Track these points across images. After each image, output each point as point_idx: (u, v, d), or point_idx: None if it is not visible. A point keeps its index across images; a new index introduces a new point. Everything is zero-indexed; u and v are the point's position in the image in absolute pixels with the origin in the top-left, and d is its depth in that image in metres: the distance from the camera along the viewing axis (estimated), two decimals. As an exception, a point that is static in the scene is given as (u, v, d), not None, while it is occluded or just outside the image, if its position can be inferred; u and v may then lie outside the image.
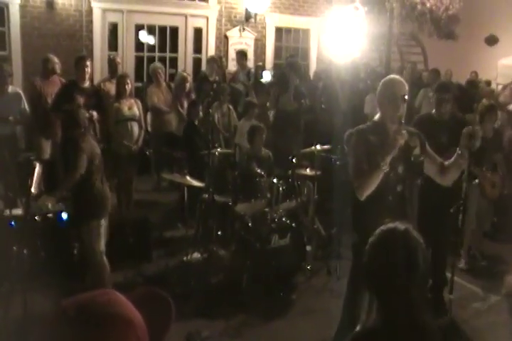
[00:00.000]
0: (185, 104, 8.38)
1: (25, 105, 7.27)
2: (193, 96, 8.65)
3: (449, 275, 6.10)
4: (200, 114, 7.72)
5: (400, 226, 2.07)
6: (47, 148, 7.78)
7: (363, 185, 3.86)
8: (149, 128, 8.73)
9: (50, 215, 5.59)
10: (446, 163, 4.09)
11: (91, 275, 5.20)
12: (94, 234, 5.07)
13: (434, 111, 5.35)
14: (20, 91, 7.41)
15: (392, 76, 4.31)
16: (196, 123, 7.53)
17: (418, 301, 2.01)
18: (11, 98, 7.17)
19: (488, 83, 11.62)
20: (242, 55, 10.56)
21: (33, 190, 3.97)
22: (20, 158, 6.48)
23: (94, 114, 6.99)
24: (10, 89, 7.24)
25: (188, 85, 8.53)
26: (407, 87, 4.05)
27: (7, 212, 5.23)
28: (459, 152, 4.01)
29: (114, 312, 1.20)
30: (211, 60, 9.84)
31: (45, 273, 5.02)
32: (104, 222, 5.18)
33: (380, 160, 3.79)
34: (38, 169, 4.13)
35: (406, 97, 3.96)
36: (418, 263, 1.99)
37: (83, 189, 5.08)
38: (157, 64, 9.22)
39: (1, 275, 4.68)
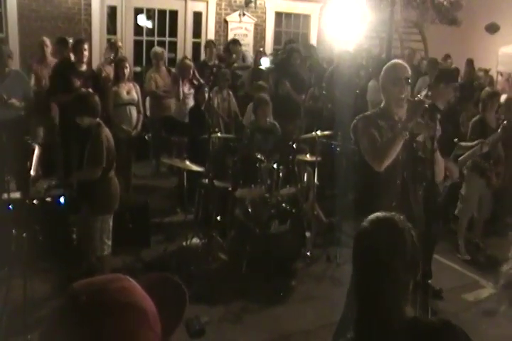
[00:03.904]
0: (186, 90, 8.30)
1: (29, 87, 7.04)
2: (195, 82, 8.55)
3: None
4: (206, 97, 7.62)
5: (388, 214, 1.99)
6: (40, 132, 7.73)
7: (383, 153, 3.77)
8: (148, 113, 8.66)
9: (48, 199, 5.56)
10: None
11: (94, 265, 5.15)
12: (106, 228, 5.04)
13: (429, 94, 5.13)
14: (22, 72, 7.17)
15: (394, 60, 4.29)
16: (202, 108, 7.43)
17: (400, 294, 1.92)
18: (13, 80, 6.85)
19: (487, 71, 11.54)
20: (235, 43, 10.42)
21: (32, 172, 3.90)
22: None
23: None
24: (11, 71, 6.94)
25: (191, 72, 8.43)
26: (409, 70, 4.02)
27: (5, 195, 5.18)
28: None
29: (127, 300, 1.16)
30: (208, 44, 9.74)
31: (44, 258, 4.99)
32: None
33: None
34: (36, 152, 4.06)
35: (409, 80, 3.93)
36: (405, 251, 1.90)
37: (101, 184, 4.98)
38: (160, 48, 9.09)
39: (1, 259, 4.64)
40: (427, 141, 3.87)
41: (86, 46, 7.30)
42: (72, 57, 7.41)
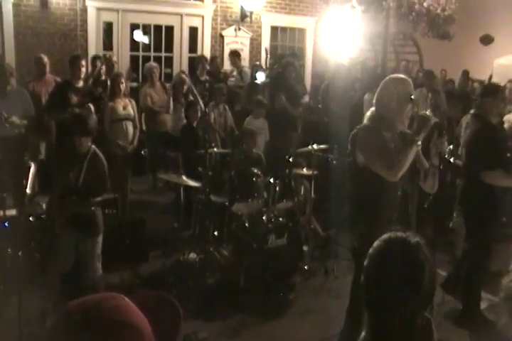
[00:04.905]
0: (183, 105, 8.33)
1: (30, 104, 6.96)
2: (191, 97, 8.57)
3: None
4: (199, 114, 7.64)
5: (412, 237, 1.84)
6: (41, 149, 7.72)
7: (401, 164, 3.78)
8: (144, 128, 8.67)
9: (44, 216, 5.54)
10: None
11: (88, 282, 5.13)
12: (99, 247, 5.04)
13: (476, 112, 5.00)
14: (24, 90, 7.16)
15: (401, 76, 4.24)
16: (195, 124, 7.46)
17: (410, 324, 1.79)
18: (15, 98, 6.82)
19: (482, 82, 11.59)
20: (235, 54, 10.49)
21: (28, 190, 3.90)
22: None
23: (92, 107, 6.86)
24: (13, 88, 6.93)
25: (186, 86, 8.46)
26: (413, 87, 4.03)
27: (1, 212, 5.17)
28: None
29: (122, 319, 1.15)
30: (200, 60, 9.77)
31: (40, 275, 4.97)
32: None
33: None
34: (32, 170, 4.06)
35: (413, 97, 3.94)
36: (421, 283, 1.78)
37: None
38: (152, 63, 9.15)
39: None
40: (434, 155, 3.90)
41: (83, 62, 7.31)
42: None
